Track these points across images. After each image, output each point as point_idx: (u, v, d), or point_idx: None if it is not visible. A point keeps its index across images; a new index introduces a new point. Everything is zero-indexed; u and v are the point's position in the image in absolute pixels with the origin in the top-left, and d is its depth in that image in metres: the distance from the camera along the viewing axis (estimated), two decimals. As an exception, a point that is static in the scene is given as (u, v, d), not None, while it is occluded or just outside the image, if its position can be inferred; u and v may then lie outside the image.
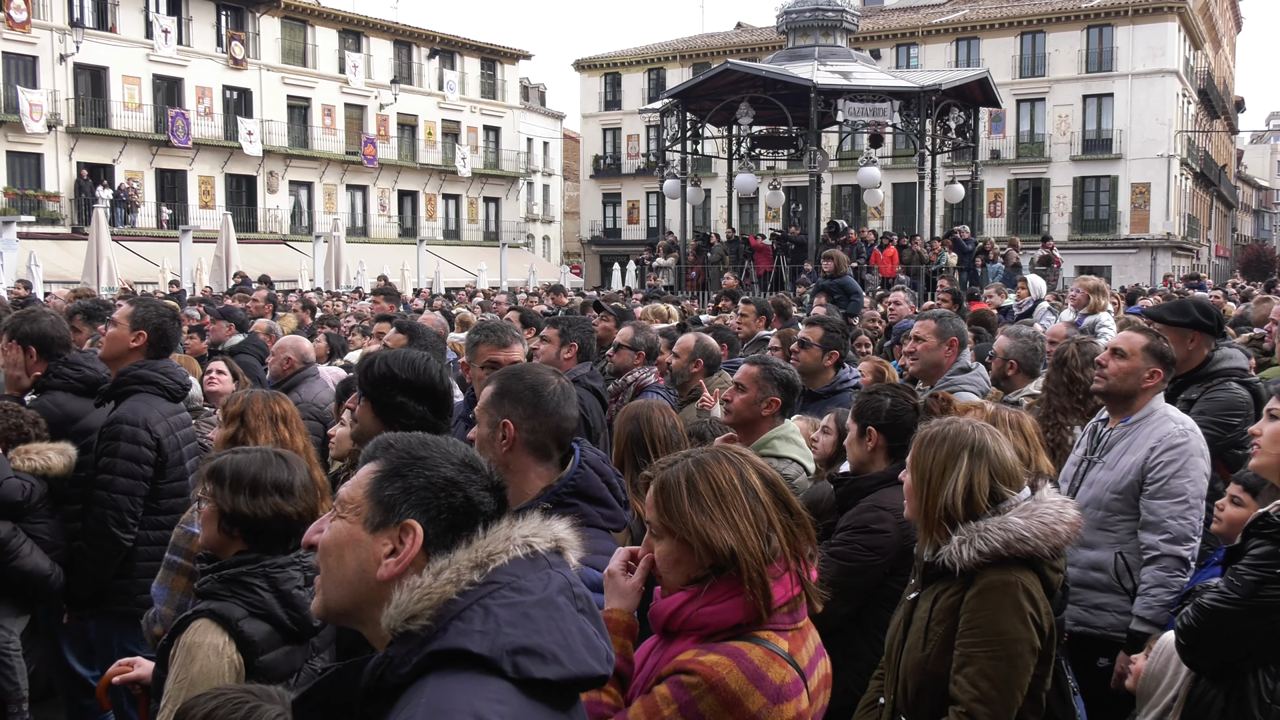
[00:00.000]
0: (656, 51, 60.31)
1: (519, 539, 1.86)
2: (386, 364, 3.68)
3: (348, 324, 11.90)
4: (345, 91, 49.89)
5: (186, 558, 3.91)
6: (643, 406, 4.57)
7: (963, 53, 51.68)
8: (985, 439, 3.25)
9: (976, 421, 3.38)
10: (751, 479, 2.49)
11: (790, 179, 41.55)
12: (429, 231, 50.46)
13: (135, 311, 5.25)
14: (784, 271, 25.91)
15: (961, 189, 27.98)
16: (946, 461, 3.23)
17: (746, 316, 9.54)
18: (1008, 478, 3.24)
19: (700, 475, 2.47)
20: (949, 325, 6.04)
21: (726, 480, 2.46)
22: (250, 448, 3.52)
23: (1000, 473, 3.23)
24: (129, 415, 5.01)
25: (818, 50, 26.81)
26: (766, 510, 2.46)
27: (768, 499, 2.47)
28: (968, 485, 3.20)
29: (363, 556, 1.85)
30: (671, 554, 2.47)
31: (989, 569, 3.14)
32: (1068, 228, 49.01)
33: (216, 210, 41.22)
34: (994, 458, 3.23)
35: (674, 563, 2.47)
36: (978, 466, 3.21)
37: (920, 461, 3.29)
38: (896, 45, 53.19)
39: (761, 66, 26.67)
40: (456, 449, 1.95)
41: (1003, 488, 3.22)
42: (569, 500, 3.00)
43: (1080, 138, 49.71)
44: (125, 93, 41.57)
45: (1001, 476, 3.23)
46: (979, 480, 3.20)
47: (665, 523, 2.47)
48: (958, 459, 3.22)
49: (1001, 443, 3.29)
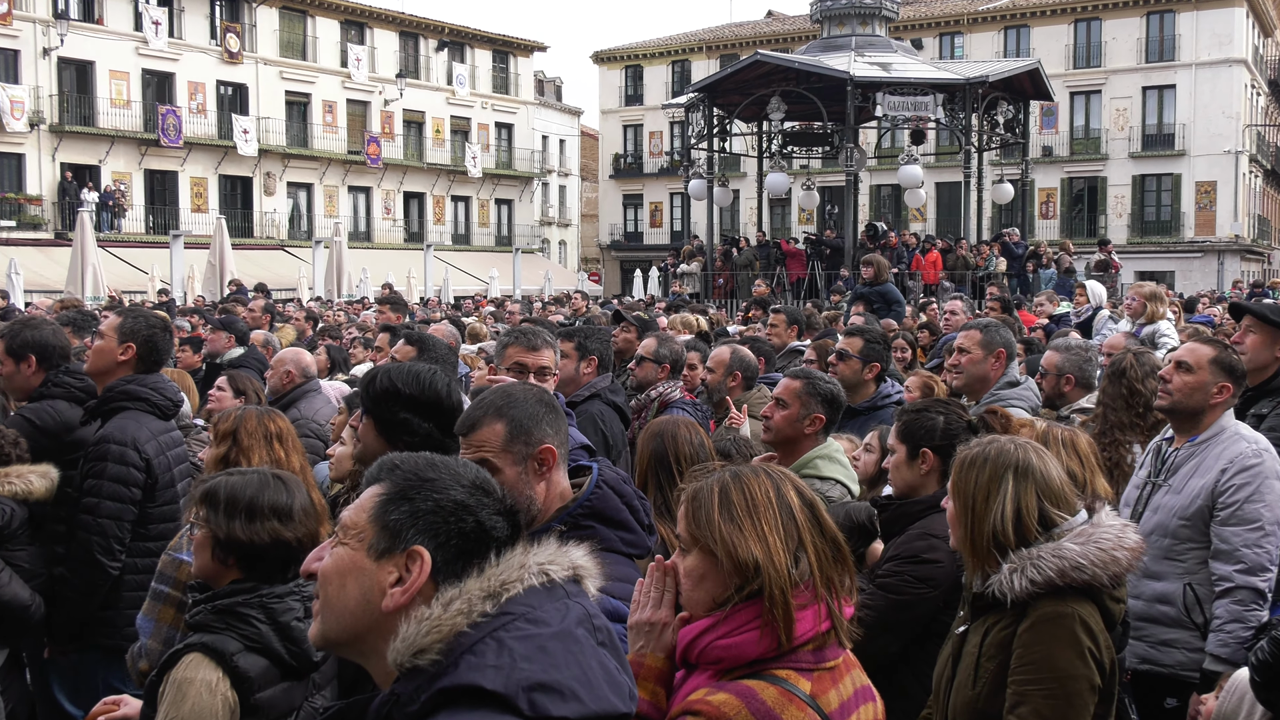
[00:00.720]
0: (681, 42, 60.46)
1: (534, 567, 1.85)
2: (389, 378, 3.69)
3: (350, 335, 11.93)
4: (347, 86, 50.20)
5: (174, 587, 3.91)
6: (668, 423, 4.56)
7: (1011, 42, 51.60)
8: (1030, 458, 3.23)
9: (1019, 439, 3.36)
10: (789, 496, 2.49)
11: (825, 179, 41.54)
12: (437, 236, 50.71)
13: (123, 323, 5.26)
14: (818, 278, 25.90)
15: (1010, 189, 27.91)
16: (990, 484, 3.21)
17: (777, 327, 9.52)
18: (1057, 499, 3.22)
19: (735, 486, 2.48)
20: (995, 335, 6.01)
21: (762, 493, 2.47)
22: (245, 469, 3.53)
23: (1049, 494, 3.21)
24: (116, 434, 5.02)
25: (855, 40, 26.84)
26: (800, 530, 2.45)
27: (803, 518, 2.47)
28: (1015, 508, 3.18)
29: (366, 585, 1.85)
30: (697, 568, 2.47)
31: (1043, 599, 3.12)
32: (1126, 230, 48.79)
33: (209, 214, 41.40)
34: (1040, 478, 3.21)
35: (699, 579, 2.47)
36: (1024, 488, 3.19)
37: (962, 486, 3.27)
38: (940, 34, 53.15)
39: (794, 58, 26.73)
40: (467, 470, 1.95)
41: (1053, 510, 3.20)
42: (585, 523, 2.99)
43: (1140, 133, 49.51)
44: (113, 89, 41.92)
45: (1050, 498, 3.21)
46: (1026, 502, 3.18)
47: (693, 531, 2.48)
48: (1001, 480, 3.20)
49: (1048, 462, 3.27)
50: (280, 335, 11.83)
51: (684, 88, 41.97)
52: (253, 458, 4.21)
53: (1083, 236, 43.52)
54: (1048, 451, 3.37)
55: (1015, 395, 5.87)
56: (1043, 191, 49.27)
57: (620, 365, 8.53)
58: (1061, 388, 6.17)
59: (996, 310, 11.26)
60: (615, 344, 8.64)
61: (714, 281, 27.16)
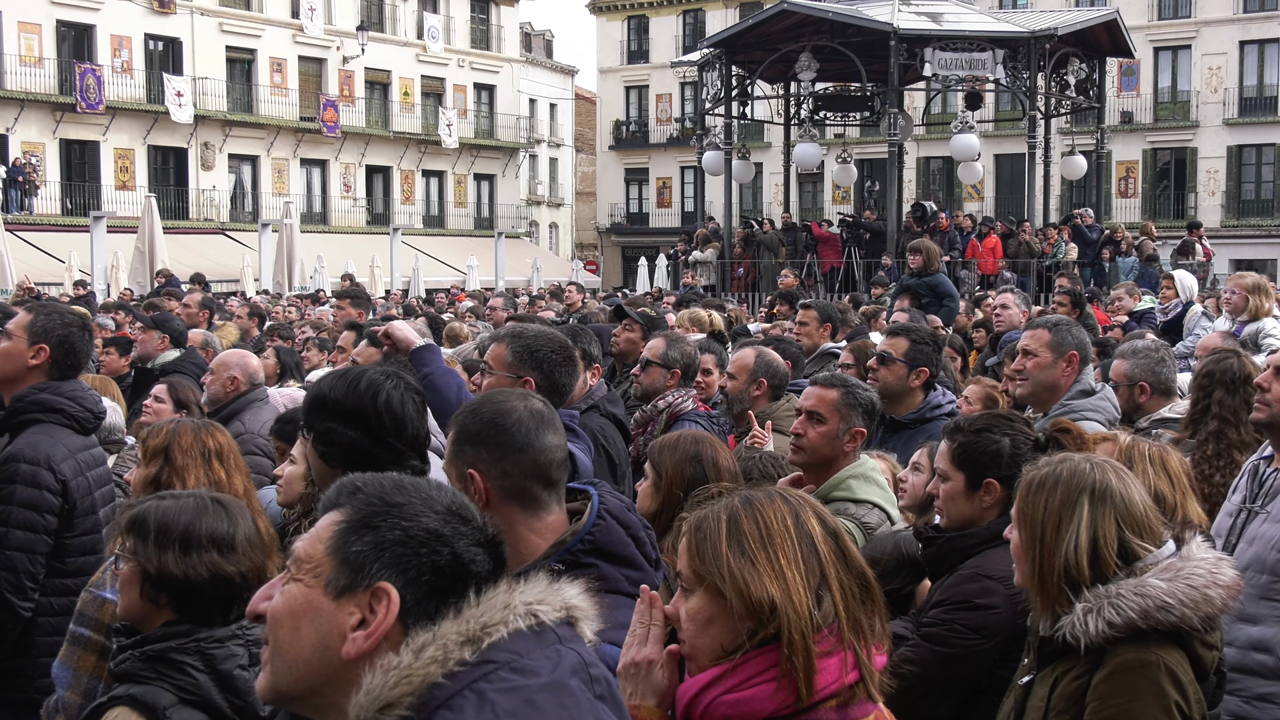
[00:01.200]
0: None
1: (521, 607, 1.86)
2: (319, 384, 3.80)
3: (303, 335, 11.94)
4: (299, 41, 50.26)
5: (96, 629, 3.91)
6: (705, 442, 4.56)
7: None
8: (1109, 479, 3.23)
9: (1096, 458, 3.36)
10: (810, 524, 2.49)
11: (864, 150, 41.53)
12: (405, 218, 50.72)
13: (34, 320, 5.25)
14: (856, 267, 25.89)
15: (1083, 162, 27.87)
16: (1061, 511, 3.21)
17: (807, 325, 9.51)
18: (1140, 528, 3.22)
19: (746, 514, 2.48)
20: (1066, 336, 5.99)
21: (779, 521, 2.47)
22: (180, 492, 3.53)
23: (1130, 521, 3.21)
24: (27, 452, 5.01)
25: (899, -15, 26.83)
26: (823, 564, 2.45)
27: (826, 551, 2.46)
28: (1091, 538, 3.17)
29: (324, 629, 1.85)
30: (702, 611, 2.47)
31: (1123, 645, 3.12)
32: (1220, 211, 48.72)
33: (137, 192, 41.51)
34: (1121, 503, 3.21)
35: (704, 623, 2.46)
36: (1102, 514, 3.19)
37: (1029, 513, 3.27)
38: (1000, -21, 53.14)
39: (828, 6, 26.70)
40: (442, 494, 1.95)
41: (1135, 541, 3.20)
42: (586, 560, 3.00)
43: (1236, 96, 49.43)
44: (21, 44, 41.96)
45: (1132, 526, 3.21)
46: (1104, 531, 3.18)
47: (697, 568, 2.48)
48: (1075, 506, 3.20)
49: (1129, 484, 3.27)
50: (221, 335, 11.85)
51: (697, 42, 41.96)
52: (188, 479, 4.22)
53: (1168, 218, 43.49)
54: (1129, 473, 3.36)
55: (1090, 406, 5.84)
56: (1121, 165, 49.22)
57: (623, 369, 8.54)
58: (1136, 398, 6.17)
59: (1065, 306, 11.22)
60: (616, 345, 8.66)
61: (733, 271, 27.15)
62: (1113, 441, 4.28)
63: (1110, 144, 33.31)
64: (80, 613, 4.03)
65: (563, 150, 65.00)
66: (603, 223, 62.86)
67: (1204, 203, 48.97)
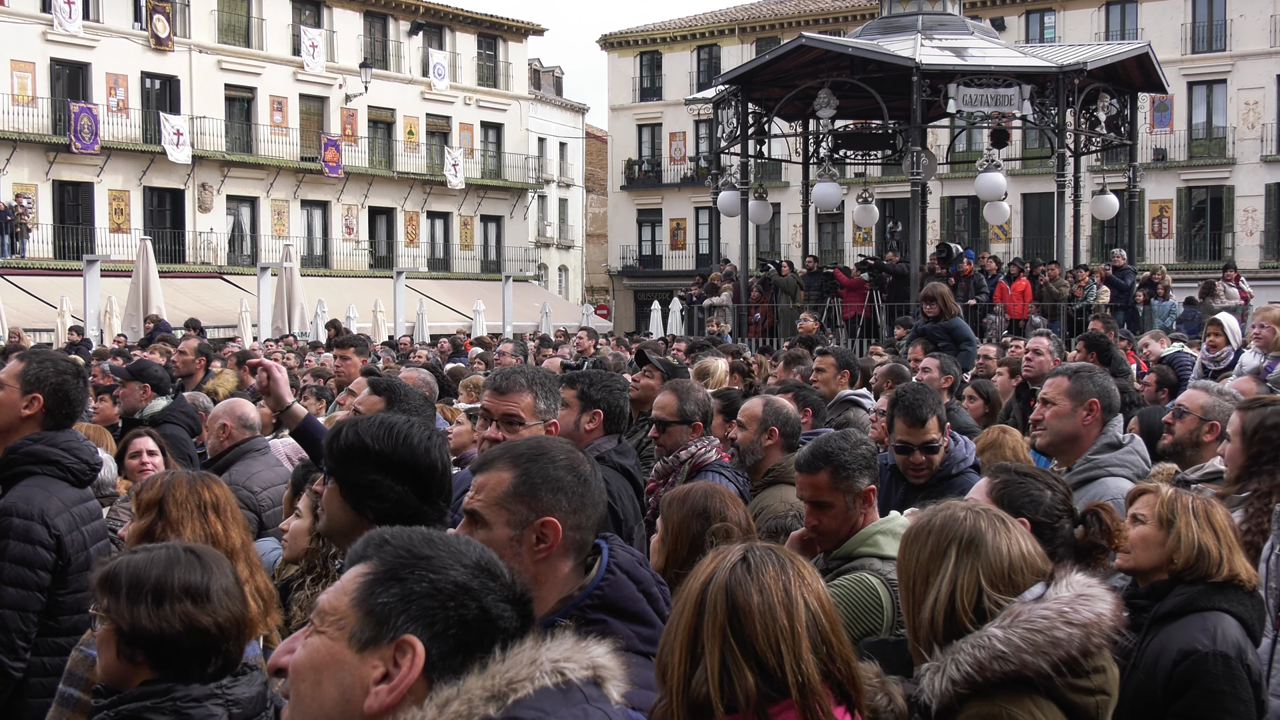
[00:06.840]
0: (708, 23, 60.79)
1: (547, 664, 1.86)
2: (355, 431, 3.70)
3: (304, 382, 11.95)
4: (300, 79, 50.55)
5: (86, 690, 3.91)
6: (713, 494, 4.52)
7: (1115, 21, 51.72)
8: (979, 527, 3.18)
9: (979, 505, 3.32)
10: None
11: (886, 190, 41.59)
12: (409, 261, 50.75)
13: (27, 369, 5.26)
14: (878, 312, 25.87)
15: (1115, 201, 27.87)
16: (930, 563, 3.19)
17: (825, 371, 9.51)
18: (1007, 580, 3.14)
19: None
20: (1087, 384, 5.89)
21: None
22: (152, 545, 3.52)
23: (998, 573, 3.14)
24: (20, 505, 5.01)
25: (922, 20, 26.91)
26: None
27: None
28: (950, 592, 3.13)
29: (346, 682, 1.86)
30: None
31: (971, 702, 3.04)
32: (1259, 251, 48.63)
33: (132, 235, 41.59)
34: (990, 553, 3.15)
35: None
36: (965, 567, 3.14)
37: (904, 565, 3.26)
38: (1026, 12, 53.32)
39: (848, 41, 26.83)
40: (470, 549, 1.96)
41: (991, 594, 3.11)
42: (594, 616, 3.00)
43: (1275, 131, 49.41)
44: (15, 83, 42.20)
45: (995, 578, 3.13)
46: (964, 584, 3.13)
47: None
48: (944, 558, 3.17)
49: (1005, 533, 3.20)
50: (218, 383, 11.84)
51: (712, 79, 42.15)
52: (184, 531, 4.23)
53: (1204, 259, 43.56)
54: (1012, 521, 3.29)
55: (1117, 460, 5.71)
56: (1154, 204, 49.20)
57: (639, 416, 8.49)
58: (1201, 436, 6.05)
59: (1082, 352, 11.09)
60: (634, 392, 8.61)
61: (749, 316, 27.14)
62: (1154, 494, 4.25)
63: (1143, 182, 33.36)
64: (70, 672, 4.03)
65: (573, 190, 65.21)
66: (614, 265, 62.95)
67: (1241, 243, 48.92)
